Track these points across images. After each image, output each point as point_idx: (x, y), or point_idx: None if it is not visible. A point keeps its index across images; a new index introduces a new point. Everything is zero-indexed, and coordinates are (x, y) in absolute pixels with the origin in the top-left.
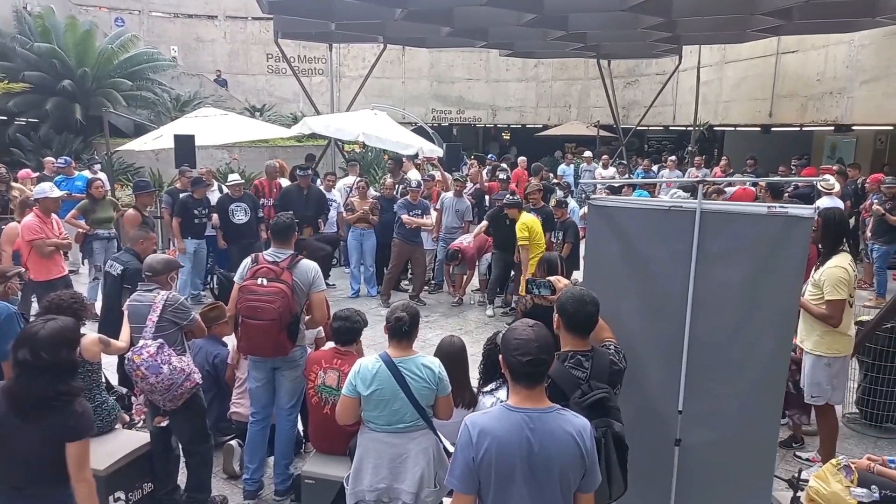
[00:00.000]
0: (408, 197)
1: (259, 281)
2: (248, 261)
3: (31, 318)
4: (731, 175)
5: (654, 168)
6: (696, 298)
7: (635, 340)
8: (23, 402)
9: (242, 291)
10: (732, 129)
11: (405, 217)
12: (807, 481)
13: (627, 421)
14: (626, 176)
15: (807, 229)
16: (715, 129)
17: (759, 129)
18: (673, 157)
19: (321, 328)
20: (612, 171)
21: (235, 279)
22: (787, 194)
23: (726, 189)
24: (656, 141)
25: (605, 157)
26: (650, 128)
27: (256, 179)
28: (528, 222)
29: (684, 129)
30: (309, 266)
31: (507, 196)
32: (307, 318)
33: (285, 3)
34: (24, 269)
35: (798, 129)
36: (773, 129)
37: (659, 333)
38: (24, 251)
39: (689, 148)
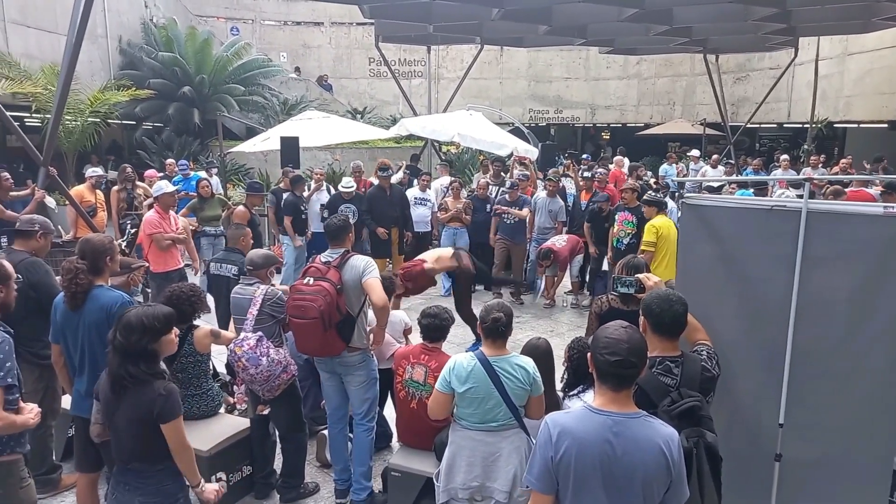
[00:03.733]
0: (506, 196)
1: (306, 280)
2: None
3: None
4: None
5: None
6: (800, 304)
7: (730, 347)
8: (111, 381)
9: (291, 292)
10: (855, 125)
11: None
12: None
13: (720, 432)
14: (733, 176)
15: None
16: (835, 126)
17: (886, 125)
18: (786, 157)
19: (406, 321)
20: (720, 170)
21: None
22: None
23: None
24: (769, 139)
25: (715, 156)
26: (762, 125)
27: None
28: (657, 224)
29: (800, 126)
30: (358, 261)
31: (650, 193)
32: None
33: (386, 7)
34: (147, 264)
35: None
36: None
37: (756, 340)
38: (146, 244)
39: (805, 146)
